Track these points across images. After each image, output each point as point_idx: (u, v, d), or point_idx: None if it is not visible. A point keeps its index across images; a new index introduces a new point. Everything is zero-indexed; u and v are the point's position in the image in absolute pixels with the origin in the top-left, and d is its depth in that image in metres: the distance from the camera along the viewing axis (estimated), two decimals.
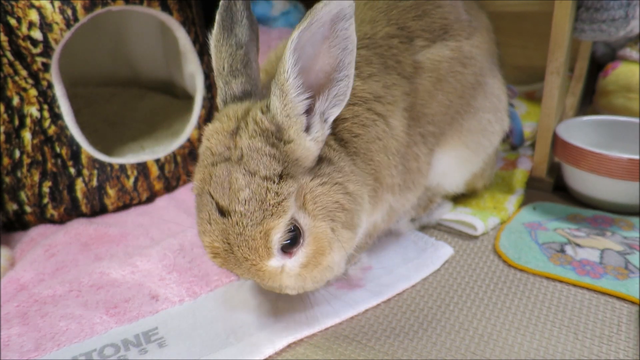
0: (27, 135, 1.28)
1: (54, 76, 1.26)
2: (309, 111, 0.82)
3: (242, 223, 0.79)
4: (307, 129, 0.83)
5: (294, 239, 0.82)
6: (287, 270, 0.84)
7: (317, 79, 0.81)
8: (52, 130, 1.29)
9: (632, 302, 0.98)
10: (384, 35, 1.01)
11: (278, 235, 0.80)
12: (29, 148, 1.28)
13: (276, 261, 0.82)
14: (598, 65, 1.81)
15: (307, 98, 0.81)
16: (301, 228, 0.83)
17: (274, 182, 0.79)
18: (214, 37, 0.90)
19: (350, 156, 0.91)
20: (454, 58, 1.07)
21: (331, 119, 0.85)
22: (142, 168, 1.42)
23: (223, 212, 0.80)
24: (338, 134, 0.92)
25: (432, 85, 1.05)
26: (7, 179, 1.30)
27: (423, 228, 1.26)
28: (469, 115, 1.13)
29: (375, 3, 1.07)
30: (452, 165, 1.19)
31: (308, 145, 0.82)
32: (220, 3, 0.89)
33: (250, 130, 0.81)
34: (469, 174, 1.26)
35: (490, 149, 1.23)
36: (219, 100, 0.91)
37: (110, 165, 1.37)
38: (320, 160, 0.86)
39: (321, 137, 0.84)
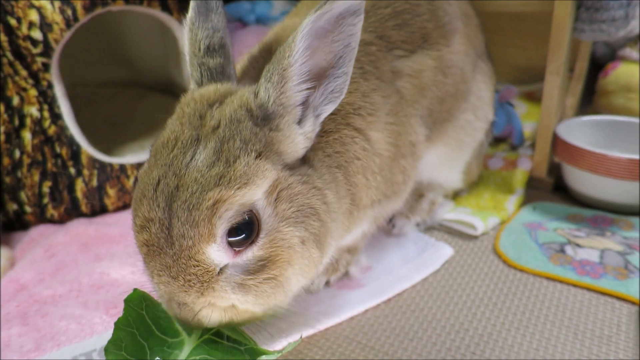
0: (27, 135, 1.28)
1: (54, 76, 1.26)
2: (303, 103, 0.77)
3: (192, 188, 0.67)
4: (300, 121, 0.77)
5: (247, 233, 0.70)
6: (227, 274, 0.70)
7: (316, 71, 0.76)
8: (52, 131, 1.29)
9: (632, 302, 0.98)
10: (361, 42, 0.89)
11: (229, 212, 0.67)
12: (29, 148, 1.28)
13: (217, 250, 0.68)
14: (598, 65, 1.81)
15: (308, 88, 0.76)
16: (259, 222, 0.71)
17: (248, 153, 0.70)
18: (188, 20, 0.83)
19: (332, 167, 0.85)
20: (436, 67, 1.04)
21: (323, 116, 0.80)
22: None
23: (176, 176, 0.68)
24: (320, 145, 0.84)
25: (416, 92, 1.00)
26: (7, 179, 1.30)
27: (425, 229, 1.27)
28: (448, 122, 1.13)
29: None
30: (432, 164, 1.19)
31: (298, 139, 0.77)
32: None
33: (235, 103, 0.74)
34: (454, 170, 1.27)
35: (473, 143, 1.25)
36: (192, 84, 0.83)
37: (111, 165, 1.37)
38: (302, 161, 0.80)
39: (312, 133, 0.79)
